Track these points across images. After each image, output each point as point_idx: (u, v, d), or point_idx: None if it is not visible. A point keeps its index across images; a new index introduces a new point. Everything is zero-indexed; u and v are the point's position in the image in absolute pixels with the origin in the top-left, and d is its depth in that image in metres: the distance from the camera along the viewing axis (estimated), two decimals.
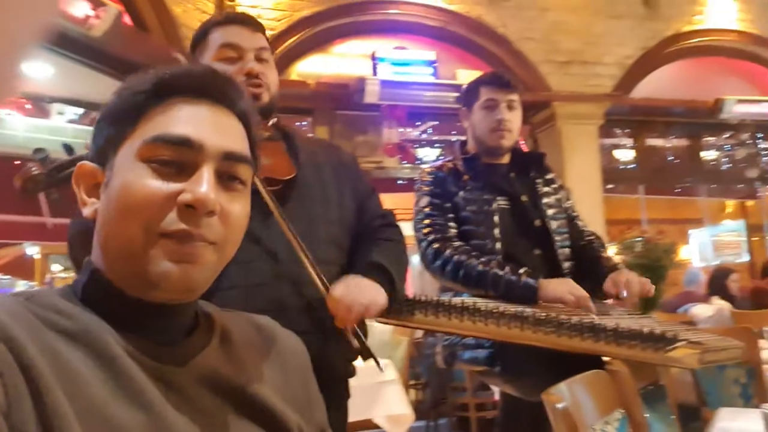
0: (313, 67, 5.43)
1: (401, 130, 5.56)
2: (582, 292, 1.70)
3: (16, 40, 0.25)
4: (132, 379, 0.60)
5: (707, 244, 7.76)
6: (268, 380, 0.73)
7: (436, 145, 6.40)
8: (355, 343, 1.29)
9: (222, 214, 0.66)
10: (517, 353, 1.69)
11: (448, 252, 1.83)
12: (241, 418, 0.67)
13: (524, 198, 1.99)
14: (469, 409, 4.61)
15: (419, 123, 6.02)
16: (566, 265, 1.96)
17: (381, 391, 3.17)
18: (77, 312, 0.63)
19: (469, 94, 2.07)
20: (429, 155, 6.35)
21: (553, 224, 1.98)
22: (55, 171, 1.19)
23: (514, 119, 2.01)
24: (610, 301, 1.89)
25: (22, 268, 7.66)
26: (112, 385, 0.59)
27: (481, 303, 1.53)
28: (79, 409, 0.55)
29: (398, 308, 1.46)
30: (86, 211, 0.69)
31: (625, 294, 1.78)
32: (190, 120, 0.67)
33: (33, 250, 7.62)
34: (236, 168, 0.69)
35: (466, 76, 5.64)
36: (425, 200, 1.97)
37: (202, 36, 1.41)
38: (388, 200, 2.03)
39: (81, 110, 5.32)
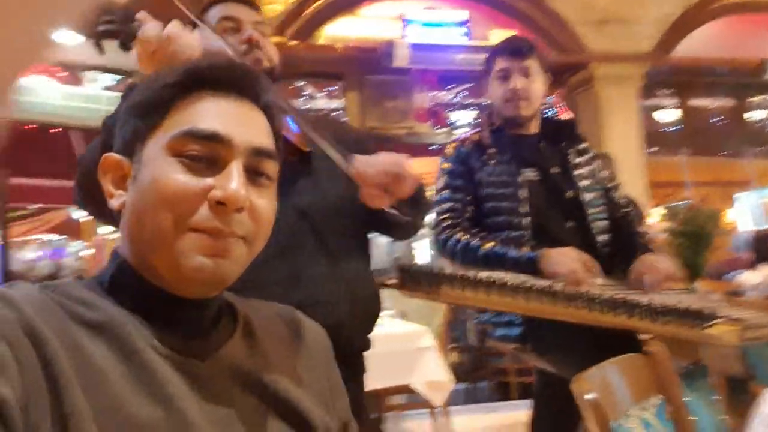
0: (341, 30, 5.33)
1: (433, 94, 5.44)
2: (584, 260, 1.66)
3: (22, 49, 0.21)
4: (153, 372, 0.60)
5: (756, 207, 7.48)
6: (292, 373, 0.73)
7: (470, 108, 6.28)
8: (400, 215, 1.17)
9: (251, 210, 0.67)
10: (549, 330, 1.66)
11: (457, 236, 1.82)
12: (264, 411, 0.67)
13: (555, 169, 1.93)
14: (508, 373, 4.61)
15: (451, 86, 5.89)
16: (601, 238, 1.90)
17: (419, 357, 3.22)
18: (102, 303, 0.63)
19: (486, 65, 2.01)
20: (463, 119, 6.24)
21: (587, 196, 1.91)
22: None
23: (531, 86, 1.93)
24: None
25: (69, 231, 7.95)
26: (133, 379, 0.59)
27: (510, 277, 1.50)
28: (97, 406, 0.55)
29: (426, 281, 1.44)
30: (114, 203, 0.69)
31: (648, 281, 1.72)
32: (218, 114, 0.67)
33: (79, 213, 7.85)
34: (263, 164, 0.69)
35: (500, 37, 5.47)
36: (443, 181, 1.94)
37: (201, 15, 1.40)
38: (420, 165, 2.00)
39: (116, 77, 5.34)
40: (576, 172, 1.93)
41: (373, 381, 3.11)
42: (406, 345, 3.25)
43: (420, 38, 5.26)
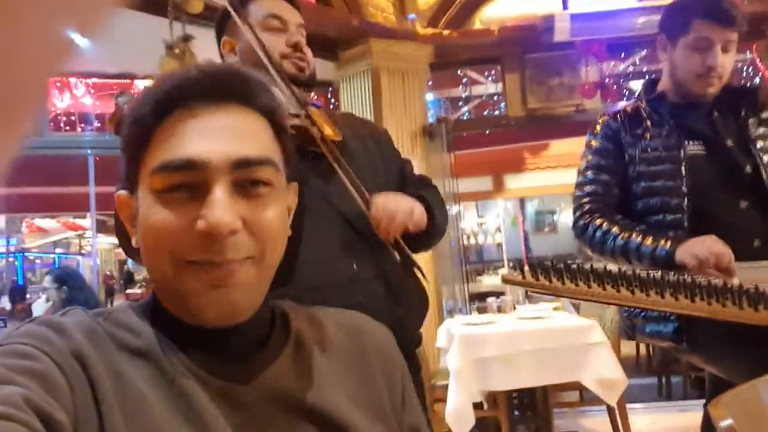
0: (497, 11, 5.13)
1: (601, 65, 5.01)
2: (721, 250, 1.44)
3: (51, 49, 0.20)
4: (191, 398, 0.60)
5: None
6: (346, 390, 0.69)
7: (648, 76, 5.71)
8: (398, 256, 1.29)
9: (249, 227, 0.63)
10: (706, 327, 1.47)
11: (597, 222, 1.65)
12: None
13: (730, 142, 1.68)
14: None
15: (623, 55, 5.39)
16: None
17: (589, 353, 3.11)
18: (146, 330, 0.64)
19: (675, 23, 1.72)
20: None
21: None
22: None
23: (727, 64, 1.66)
24: None
25: None
26: (172, 405, 0.59)
27: (643, 271, 1.35)
28: (135, 431, 0.57)
29: (548, 275, 1.34)
30: (134, 241, 0.68)
31: None
32: (193, 135, 0.63)
33: None
34: (255, 172, 0.64)
35: None
36: (587, 160, 1.77)
37: (239, 6, 1.39)
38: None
39: None
40: (759, 145, 1.67)
41: (538, 377, 3.02)
42: (572, 340, 3.09)
43: (583, 7, 4.86)
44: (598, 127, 1.79)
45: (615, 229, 1.62)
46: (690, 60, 1.66)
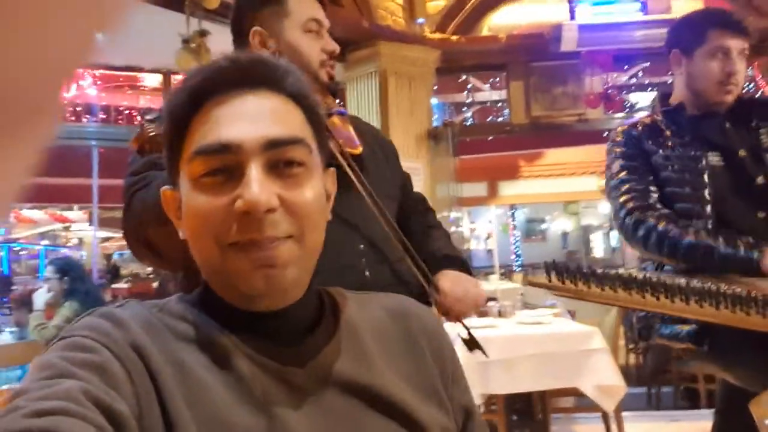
0: (505, 19, 5.19)
1: (605, 76, 5.08)
2: None
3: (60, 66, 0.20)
4: (252, 383, 0.61)
5: None
6: (398, 371, 0.70)
7: (650, 89, 5.79)
8: (465, 333, 1.32)
9: (285, 206, 0.63)
10: (727, 334, 1.47)
11: (651, 221, 1.62)
12: (371, 415, 0.66)
13: (742, 152, 1.69)
14: (697, 380, 4.19)
15: (627, 67, 5.46)
16: None
17: (589, 359, 3.09)
18: (201, 320, 0.65)
19: (689, 37, 1.75)
20: (642, 101, 5.78)
21: None
22: None
23: (743, 71, 1.70)
24: None
25: None
26: (234, 390, 0.60)
27: (669, 278, 1.37)
28: (200, 417, 0.57)
29: (574, 280, 1.35)
30: (182, 235, 0.69)
31: None
32: (224, 121, 0.64)
33: None
34: (287, 152, 0.64)
35: (683, 8, 4.95)
36: (617, 164, 1.76)
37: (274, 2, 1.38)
38: (593, 153, 1.87)
39: None
40: None
41: (537, 382, 3.04)
42: (573, 346, 3.10)
43: (589, 18, 4.93)
44: (620, 137, 1.80)
45: (675, 230, 1.60)
46: (709, 68, 1.70)
